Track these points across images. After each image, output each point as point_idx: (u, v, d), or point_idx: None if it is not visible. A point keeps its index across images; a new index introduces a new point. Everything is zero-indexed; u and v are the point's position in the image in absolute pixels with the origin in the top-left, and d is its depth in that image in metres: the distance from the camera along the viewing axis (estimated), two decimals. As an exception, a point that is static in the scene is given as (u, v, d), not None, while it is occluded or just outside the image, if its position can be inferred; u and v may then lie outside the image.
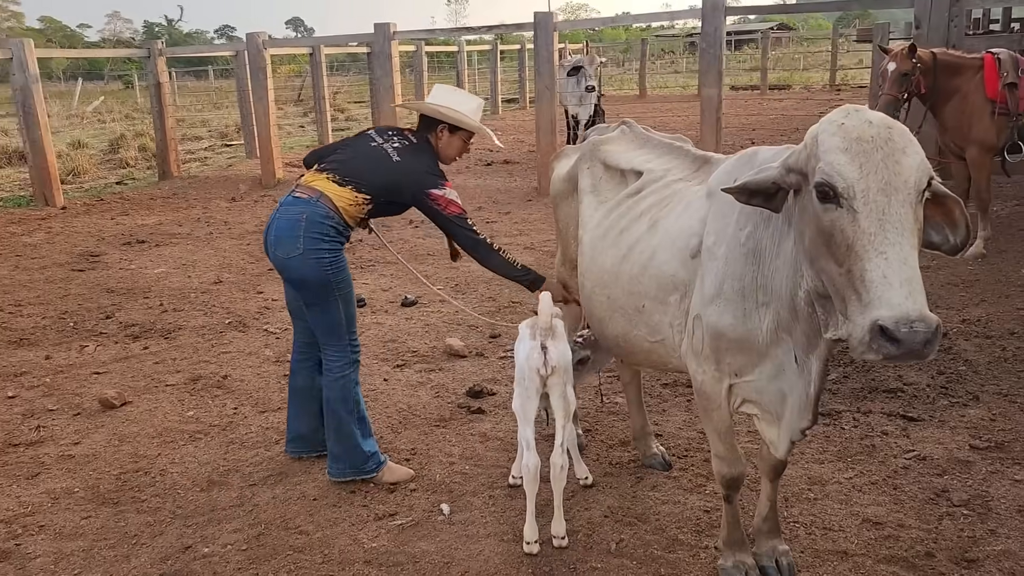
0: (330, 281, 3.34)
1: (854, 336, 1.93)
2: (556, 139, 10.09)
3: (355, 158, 3.45)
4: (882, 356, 1.87)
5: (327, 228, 3.30)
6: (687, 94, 25.65)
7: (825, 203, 1.99)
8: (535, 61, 9.95)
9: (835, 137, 2.00)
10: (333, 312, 3.41)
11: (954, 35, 8.13)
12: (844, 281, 1.97)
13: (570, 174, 3.47)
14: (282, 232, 3.32)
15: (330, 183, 3.37)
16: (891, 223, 1.90)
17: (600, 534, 3.14)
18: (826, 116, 2.10)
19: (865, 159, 1.94)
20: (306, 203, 3.32)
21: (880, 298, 1.86)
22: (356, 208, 3.38)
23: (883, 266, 1.87)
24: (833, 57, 24.89)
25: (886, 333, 1.83)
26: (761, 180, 2.20)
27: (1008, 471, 3.46)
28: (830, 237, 1.99)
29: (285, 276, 3.44)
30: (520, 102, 22.59)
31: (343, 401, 3.49)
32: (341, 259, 3.38)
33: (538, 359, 2.97)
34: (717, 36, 8.97)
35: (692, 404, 4.25)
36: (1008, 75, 6.28)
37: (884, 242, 1.89)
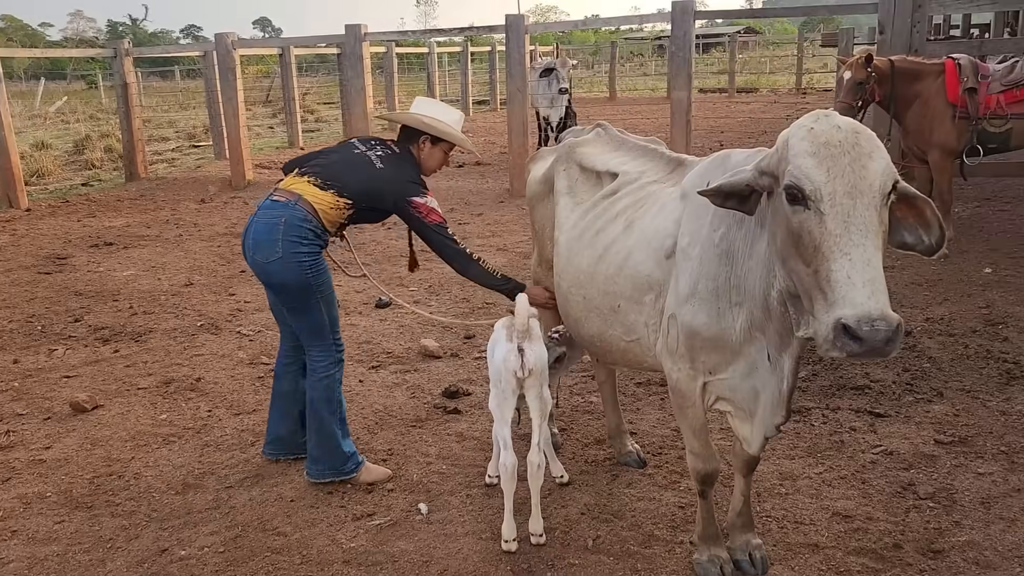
0: (310, 284, 3.34)
1: (819, 334, 1.99)
2: (528, 141, 10.13)
3: (337, 163, 3.45)
4: (846, 353, 1.93)
5: (305, 231, 3.29)
6: (656, 96, 25.83)
7: (794, 205, 2.05)
8: (507, 63, 9.99)
9: (804, 141, 2.06)
10: (315, 314, 3.42)
11: (916, 40, 8.30)
12: (811, 281, 2.03)
13: (546, 176, 3.51)
14: (260, 236, 3.31)
15: (311, 186, 3.36)
16: (856, 225, 1.96)
17: (577, 531, 3.18)
18: (797, 121, 2.16)
19: (832, 163, 2.01)
20: (284, 206, 3.31)
21: (844, 297, 1.92)
22: (336, 212, 3.37)
23: (847, 267, 1.94)
24: (799, 61, 25.24)
25: (849, 331, 1.89)
26: (735, 183, 2.25)
27: (971, 465, 3.56)
28: (799, 238, 2.05)
29: (265, 281, 3.42)
30: (491, 104, 22.63)
31: (327, 401, 3.50)
32: (321, 262, 3.38)
33: (515, 361, 2.99)
34: (687, 39, 9.09)
35: (665, 403, 4.32)
36: (968, 80, 6.44)
37: (849, 243, 1.95)
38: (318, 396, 3.49)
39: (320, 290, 3.38)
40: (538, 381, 3.04)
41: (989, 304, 5.50)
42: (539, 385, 3.05)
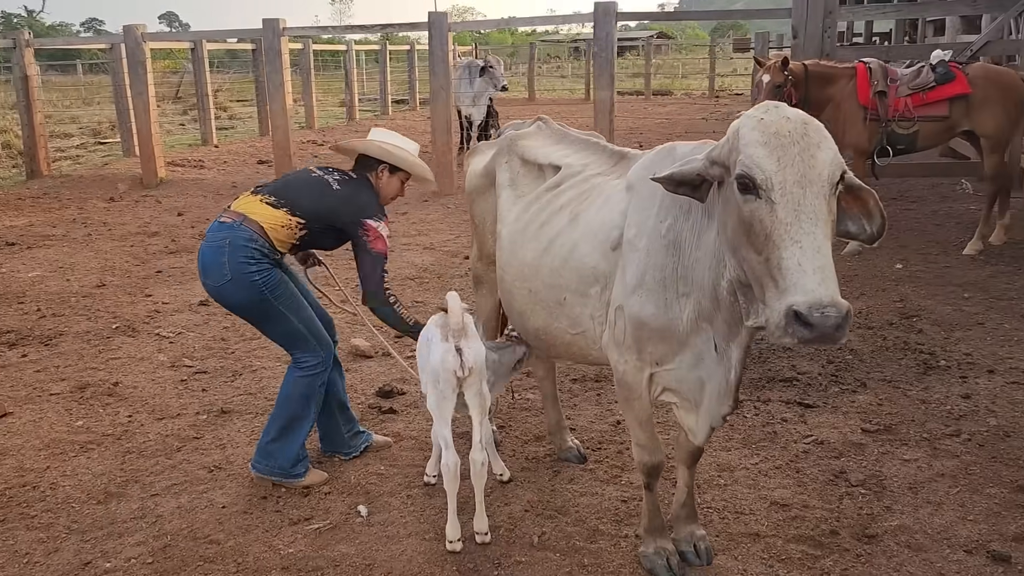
0: (266, 296, 3.26)
1: (771, 321, 2.00)
2: (452, 139, 10.07)
3: (293, 183, 3.42)
4: (796, 340, 1.95)
5: (251, 251, 3.22)
6: (575, 98, 26.13)
7: (745, 194, 2.07)
8: (430, 61, 9.90)
9: (755, 131, 2.08)
10: (284, 323, 3.34)
11: (827, 45, 8.60)
12: (763, 269, 2.05)
13: (487, 169, 3.47)
14: (207, 260, 3.26)
15: (261, 204, 3.30)
16: (806, 213, 1.99)
17: (522, 528, 3.15)
18: (746, 112, 2.18)
19: (783, 152, 2.03)
20: (229, 228, 3.25)
21: (795, 284, 1.94)
22: (287, 232, 3.30)
23: (798, 254, 1.96)
24: (712, 65, 25.88)
25: (800, 318, 1.91)
26: (686, 171, 2.26)
27: (897, 452, 3.69)
28: (750, 227, 2.07)
29: (222, 304, 3.37)
30: (410, 103, 22.43)
31: (304, 400, 3.42)
32: (273, 275, 3.28)
33: (454, 361, 2.93)
34: (609, 41, 9.19)
35: (602, 398, 4.33)
36: (878, 83, 6.70)
37: (799, 231, 1.97)
38: (296, 393, 3.41)
39: (280, 299, 3.30)
40: (477, 379, 3.00)
41: (903, 298, 5.73)
42: (478, 382, 3.00)
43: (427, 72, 23.41)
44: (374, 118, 20.23)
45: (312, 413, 3.49)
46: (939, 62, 6.66)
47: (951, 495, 3.31)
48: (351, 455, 3.71)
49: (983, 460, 3.58)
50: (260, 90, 16.31)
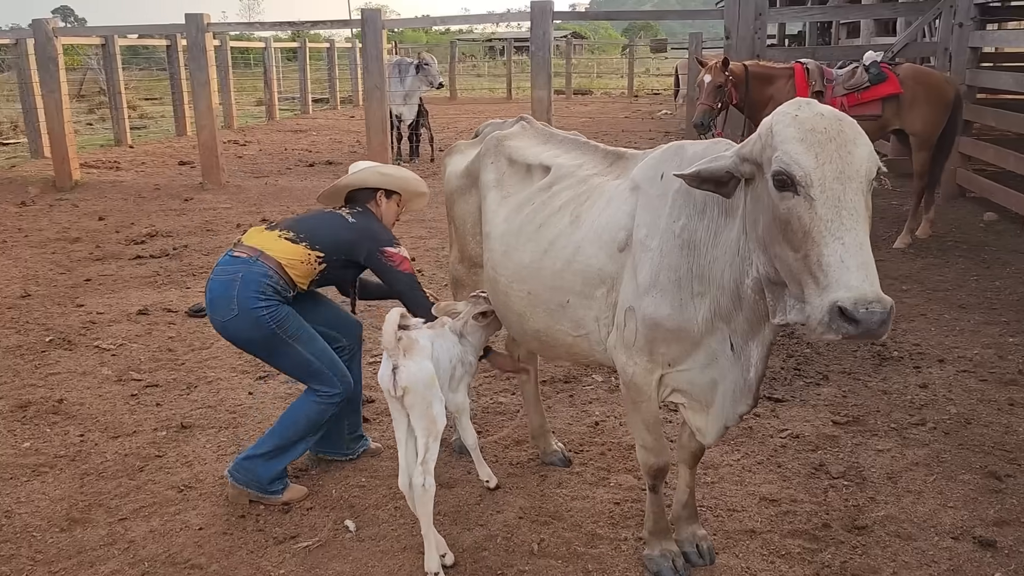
0: (274, 332, 3.16)
1: (813, 317, 2.00)
2: (387, 139, 9.90)
3: (308, 219, 3.42)
4: (841, 336, 1.96)
5: (264, 287, 3.14)
6: (496, 97, 26.16)
7: (782, 191, 2.06)
8: (363, 59, 9.70)
9: (791, 128, 2.07)
10: (295, 356, 3.23)
11: (758, 46, 8.83)
12: (800, 266, 2.04)
13: (469, 170, 3.39)
14: (216, 294, 3.17)
15: (281, 240, 3.26)
16: (847, 210, 1.99)
17: (519, 536, 3.09)
18: (778, 108, 2.17)
19: (820, 149, 2.02)
20: (244, 262, 3.18)
21: (838, 281, 1.94)
22: (307, 268, 3.26)
23: (840, 251, 1.96)
24: (630, 66, 26.29)
25: (845, 314, 1.91)
26: (715, 168, 2.23)
27: (870, 442, 3.78)
28: (787, 224, 2.06)
29: (229, 340, 3.27)
30: (331, 102, 21.99)
31: (311, 426, 3.30)
32: (280, 310, 3.19)
33: (387, 381, 2.82)
34: (546, 40, 9.18)
35: (575, 399, 4.30)
36: (816, 84, 6.90)
37: (841, 228, 1.97)
38: (304, 417, 3.29)
39: (289, 333, 3.20)
40: (422, 398, 2.83)
41: (848, 292, 5.90)
42: (423, 403, 2.83)
43: (347, 71, 22.95)
44: (295, 117, 19.76)
45: (311, 440, 3.39)
46: (872, 63, 6.89)
47: (928, 483, 3.42)
48: (349, 457, 3.62)
49: (951, 447, 3.71)
50: (175, 88, 15.73)
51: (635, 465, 3.60)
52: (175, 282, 6.54)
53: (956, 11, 8.51)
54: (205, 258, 7.25)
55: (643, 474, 2.87)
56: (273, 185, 10.76)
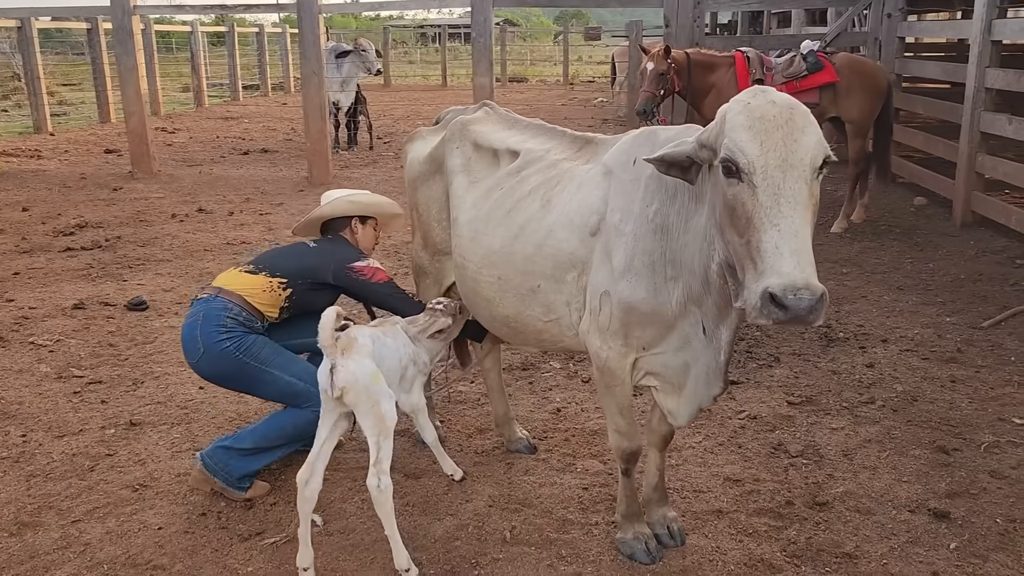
0: (244, 362, 3.12)
1: (748, 302, 2.04)
2: (327, 126, 9.71)
3: (271, 252, 3.46)
4: (772, 321, 1.99)
5: (224, 320, 3.13)
6: (431, 84, 25.94)
7: (729, 177, 2.09)
8: (300, 45, 9.48)
9: (740, 116, 2.10)
10: (275, 381, 3.18)
11: (697, 34, 8.95)
12: (744, 251, 2.08)
13: (432, 155, 3.35)
14: (185, 338, 3.20)
15: (240, 275, 3.27)
16: (785, 197, 2.01)
17: (490, 524, 3.08)
18: (736, 95, 2.19)
19: (766, 137, 2.05)
20: (204, 302, 3.20)
21: (771, 267, 1.97)
22: (271, 296, 3.24)
23: (776, 237, 1.99)
24: (565, 53, 26.34)
25: (775, 300, 1.94)
26: (677, 153, 2.26)
27: (823, 421, 3.88)
28: (733, 210, 2.09)
29: (209, 380, 3.28)
30: (262, 88, 21.47)
31: (296, 434, 3.22)
32: (246, 340, 3.14)
33: (325, 380, 2.75)
34: (487, 26, 9.14)
35: (535, 386, 4.31)
36: (756, 72, 7.03)
37: (778, 215, 2.00)
38: (293, 422, 3.22)
39: (260, 360, 3.16)
40: (367, 397, 2.75)
41: (791, 275, 6.04)
42: (369, 402, 2.76)
43: (278, 56, 22.41)
44: (224, 104, 19.23)
45: (293, 447, 3.32)
46: (809, 52, 7.05)
47: (882, 459, 3.53)
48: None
49: (900, 424, 3.83)
50: (97, 73, 15.13)
51: (600, 450, 3.63)
52: (111, 275, 6.30)
53: (885, 2, 8.77)
54: (141, 249, 7.01)
55: (615, 458, 2.89)
56: (208, 174, 10.45)
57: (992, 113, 6.92)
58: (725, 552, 2.90)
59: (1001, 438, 3.67)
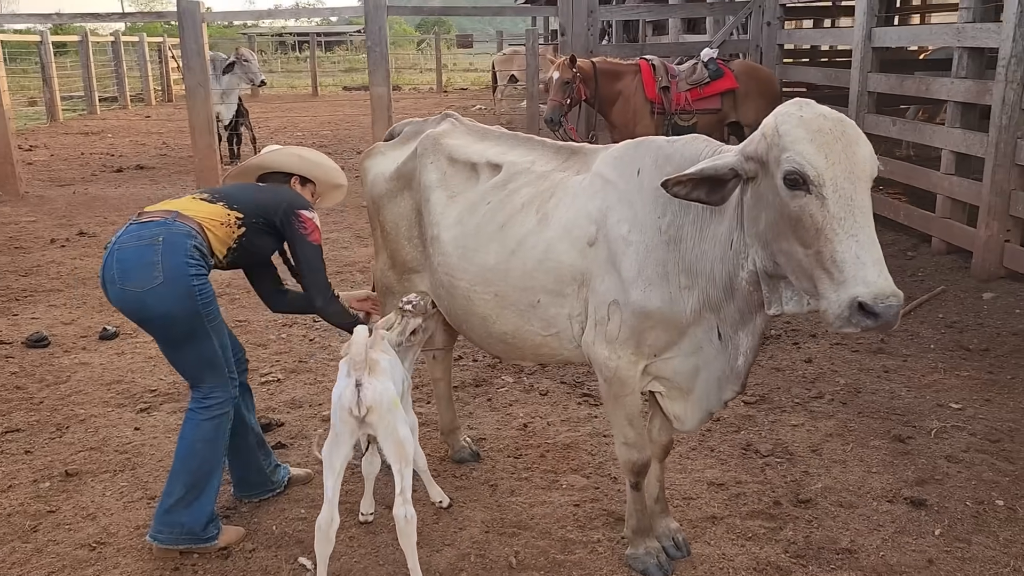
0: (199, 312, 2.78)
1: (831, 311, 2.06)
2: (214, 139, 9.23)
3: (222, 186, 3.21)
4: (860, 329, 2.04)
5: (192, 249, 2.78)
6: (300, 93, 25.21)
7: (794, 190, 2.10)
8: (183, 56, 8.98)
9: (799, 129, 2.11)
10: (206, 346, 2.84)
11: (591, 42, 9.12)
12: (812, 262, 2.10)
13: (401, 171, 3.21)
14: (130, 260, 2.73)
15: (197, 201, 2.94)
16: (859, 208, 2.07)
17: (492, 551, 2.97)
18: (780, 109, 2.20)
19: (829, 149, 2.09)
20: (160, 224, 2.80)
21: (855, 276, 2.01)
22: (226, 231, 2.93)
23: (855, 248, 2.03)
24: (438, 61, 26.24)
25: (865, 308, 1.99)
26: (720, 166, 2.24)
27: (783, 419, 4.00)
28: (798, 221, 2.11)
29: (139, 315, 2.80)
30: (120, 100, 20.21)
31: (212, 446, 2.90)
32: (209, 288, 2.84)
33: (351, 397, 2.61)
34: (382, 35, 8.95)
35: (494, 403, 4.21)
36: (662, 79, 7.22)
37: (855, 226, 2.05)
38: (201, 437, 2.89)
39: (210, 318, 2.84)
40: (388, 419, 2.66)
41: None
42: (391, 425, 2.67)
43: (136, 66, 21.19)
44: (81, 118, 17.98)
45: (221, 461, 3.02)
46: (710, 59, 7.30)
47: (848, 452, 3.66)
48: (274, 492, 3.32)
49: (853, 416, 4.00)
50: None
51: (579, 464, 3.59)
52: (-4, 309, 5.73)
53: (764, 10, 9.21)
54: (24, 280, 6.41)
55: (624, 472, 2.85)
56: (83, 194, 9.71)
57: (875, 115, 7.39)
58: (732, 558, 2.92)
59: (946, 423, 3.89)
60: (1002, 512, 3.17)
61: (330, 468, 2.69)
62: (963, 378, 4.43)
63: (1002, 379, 4.41)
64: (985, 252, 5.93)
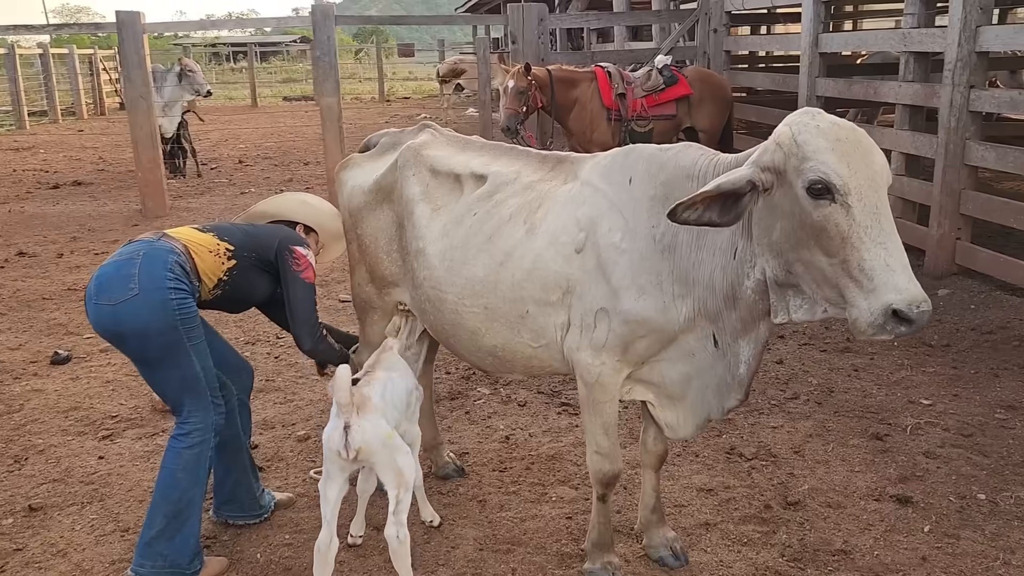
0: (176, 328, 2.66)
1: (863, 320, 2.05)
2: (158, 153, 8.96)
3: (217, 222, 3.13)
4: (893, 336, 2.05)
5: (173, 264, 2.68)
6: (238, 105, 24.72)
7: (818, 199, 2.08)
8: (123, 67, 8.72)
9: (819, 138, 2.10)
10: (186, 368, 2.71)
11: (543, 50, 9.13)
12: (837, 271, 2.09)
13: (380, 184, 3.13)
14: (107, 275, 2.66)
15: (188, 229, 2.88)
16: (884, 216, 2.07)
17: (488, 569, 2.91)
18: (791, 119, 2.18)
19: (850, 159, 2.08)
20: (144, 242, 2.74)
21: (887, 284, 2.02)
22: (215, 260, 2.83)
23: (884, 255, 2.04)
24: (380, 70, 26.04)
25: (900, 315, 2.00)
26: (736, 180, 2.19)
27: (762, 421, 4.02)
28: (823, 230, 2.09)
29: (114, 331, 2.68)
30: (50, 115, 19.52)
31: (193, 476, 2.77)
32: (189, 305, 2.71)
33: (339, 441, 2.56)
34: (330, 45, 8.81)
35: (472, 415, 4.15)
36: (618, 86, 7.25)
37: (881, 233, 2.05)
38: (182, 465, 2.75)
39: (191, 336, 2.72)
40: (384, 455, 2.60)
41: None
42: (387, 458, 2.61)
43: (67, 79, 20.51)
44: (9, 133, 17.31)
45: (203, 491, 2.89)
46: (664, 66, 7.37)
47: (829, 452, 3.69)
48: (260, 516, 3.19)
49: (830, 416, 4.04)
50: None
51: (566, 476, 3.55)
52: (-64, 335, 5.43)
53: (711, 18, 9.36)
54: None
55: (593, 483, 2.79)
56: (19, 212, 9.32)
57: (824, 119, 7.54)
58: (730, 565, 2.91)
59: (920, 420, 3.96)
60: (985, 506, 3.23)
61: (326, 500, 2.64)
62: (929, 374, 4.53)
63: (966, 374, 4.52)
64: (938, 250, 6.10)
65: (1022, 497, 3.28)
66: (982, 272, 5.85)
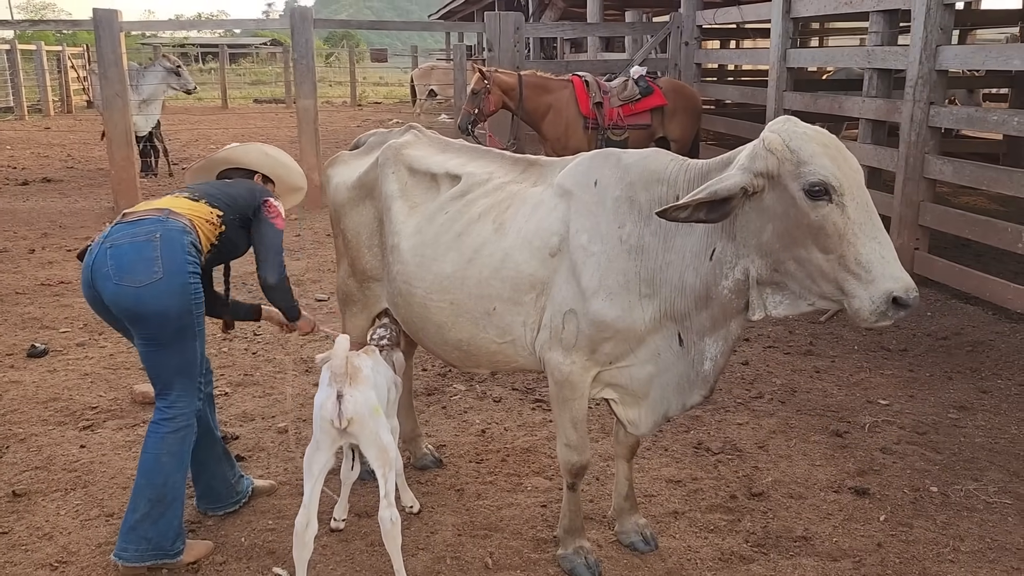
0: (191, 311, 2.75)
1: (865, 308, 2.22)
2: (133, 152, 8.95)
3: (194, 185, 3.14)
4: (891, 321, 2.24)
5: (187, 245, 2.76)
6: (209, 106, 24.57)
7: (816, 200, 2.24)
8: (100, 65, 8.69)
9: (812, 144, 2.27)
10: (189, 351, 2.80)
11: (518, 58, 9.28)
12: (834, 266, 2.25)
13: (362, 180, 3.25)
14: (126, 257, 2.68)
15: (181, 199, 2.91)
16: (874, 212, 2.27)
17: (467, 553, 3.02)
18: (776, 127, 2.33)
19: (840, 162, 2.27)
20: (155, 221, 2.76)
21: (884, 274, 2.20)
22: (210, 228, 2.91)
23: (878, 248, 2.23)
24: (352, 75, 26.04)
25: (899, 302, 2.19)
26: (730, 187, 2.31)
27: (727, 418, 4.18)
28: (820, 229, 2.25)
29: (134, 311, 2.71)
30: (16, 111, 19.28)
31: (178, 459, 2.84)
32: (200, 287, 2.82)
33: (332, 409, 2.65)
34: (308, 47, 8.92)
35: (448, 410, 4.26)
36: (595, 95, 7.41)
37: (874, 228, 2.25)
38: (166, 449, 2.82)
39: (198, 321, 2.81)
40: (370, 428, 2.69)
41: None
42: (373, 432, 2.70)
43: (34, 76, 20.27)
44: (-25, 129, 17.07)
45: (186, 474, 2.97)
46: (640, 77, 7.55)
47: (792, 447, 3.86)
48: (239, 503, 3.26)
49: (792, 414, 4.22)
50: None
51: (540, 467, 3.67)
52: (-91, 327, 5.42)
53: (683, 31, 9.58)
54: None
55: (563, 473, 2.90)
56: (-12, 207, 9.26)
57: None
58: (698, 550, 3.05)
59: (877, 418, 4.15)
60: (937, 498, 3.41)
61: (309, 474, 2.71)
62: (887, 376, 4.73)
63: (922, 376, 4.73)
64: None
65: (971, 490, 3.47)
66: (939, 281, 6.08)
